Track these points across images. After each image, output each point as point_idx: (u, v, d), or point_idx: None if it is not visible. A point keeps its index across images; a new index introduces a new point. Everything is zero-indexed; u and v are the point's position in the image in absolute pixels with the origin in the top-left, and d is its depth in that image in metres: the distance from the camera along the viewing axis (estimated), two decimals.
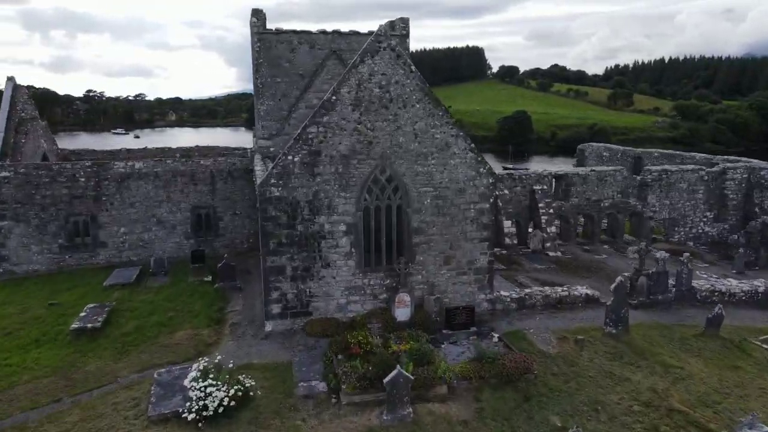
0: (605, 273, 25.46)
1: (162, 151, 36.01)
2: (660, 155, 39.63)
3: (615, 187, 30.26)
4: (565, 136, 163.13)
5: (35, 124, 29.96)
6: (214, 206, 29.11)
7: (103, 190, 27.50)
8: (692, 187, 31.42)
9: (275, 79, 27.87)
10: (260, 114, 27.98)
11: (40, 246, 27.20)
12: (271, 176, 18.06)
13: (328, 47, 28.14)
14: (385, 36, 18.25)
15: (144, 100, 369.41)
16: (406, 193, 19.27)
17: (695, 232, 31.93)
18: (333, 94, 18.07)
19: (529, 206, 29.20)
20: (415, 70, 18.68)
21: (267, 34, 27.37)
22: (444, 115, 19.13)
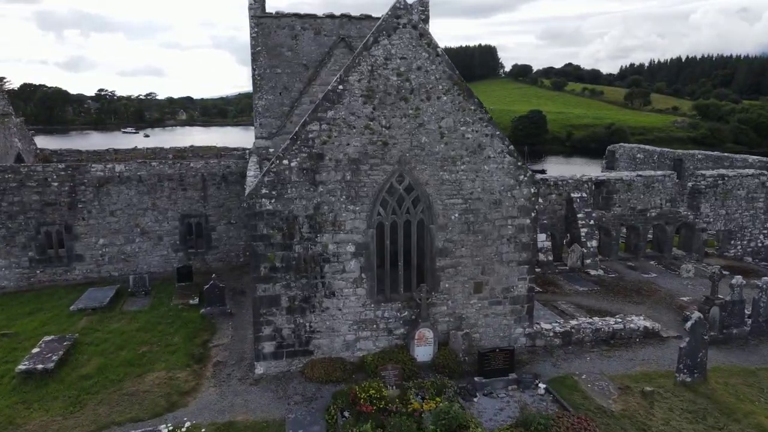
0: (659, 297, 21.67)
1: (153, 151, 32.65)
2: (704, 157, 35.69)
3: (664, 195, 26.43)
4: (581, 136, 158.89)
5: (7, 121, 26.69)
6: (206, 214, 25.66)
7: (79, 197, 24.13)
8: (751, 194, 27.51)
9: (275, 70, 24.39)
10: (258, 110, 24.51)
11: (8, 260, 23.89)
12: (263, 185, 14.51)
13: (335, 33, 24.61)
14: (406, 10, 14.62)
15: (155, 99, 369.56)
16: (429, 206, 15.64)
17: (754, 245, 28.01)
18: (340, 83, 14.47)
19: (566, 216, 25.45)
20: (442, 53, 15.06)
21: (266, 18, 23.89)
22: (477, 109, 15.52)
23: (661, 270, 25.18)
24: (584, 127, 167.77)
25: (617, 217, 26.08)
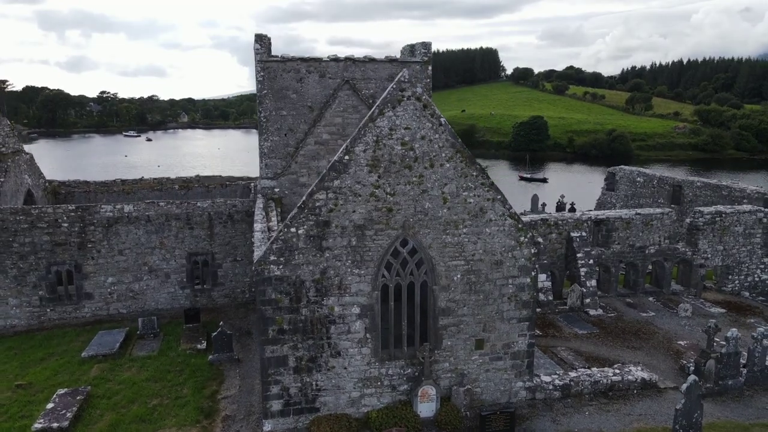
0: (657, 340, 22.09)
1: (159, 182, 33.10)
2: (703, 185, 36.04)
3: (662, 232, 26.85)
4: (582, 143, 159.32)
5: (18, 159, 27.17)
6: (213, 252, 26.14)
7: (88, 237, 24.64)
8: (749, 230, 27.91)
9: (280, 113, 24.80)
10: (264, 151, 24.89)
11: (19, 299, 24.42)
12: (271, 252, 14.97)
13: (340, 76, 25.01)
14: (410, 83, 15.09)
15: (156, 101, 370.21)
16: (433, 268, 16.10)
17: (751, 280, 28.42)
18: (346, 154, 14.93)
19: (566, 254, 25.89)
20: (445, 123, 15.50)
21: (272, 63, 24.31)
22: (479, 175, 15.94)
23: (659, 307, 25.60)
24: (585, 132, 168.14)
25: (616, 254, 26.52)
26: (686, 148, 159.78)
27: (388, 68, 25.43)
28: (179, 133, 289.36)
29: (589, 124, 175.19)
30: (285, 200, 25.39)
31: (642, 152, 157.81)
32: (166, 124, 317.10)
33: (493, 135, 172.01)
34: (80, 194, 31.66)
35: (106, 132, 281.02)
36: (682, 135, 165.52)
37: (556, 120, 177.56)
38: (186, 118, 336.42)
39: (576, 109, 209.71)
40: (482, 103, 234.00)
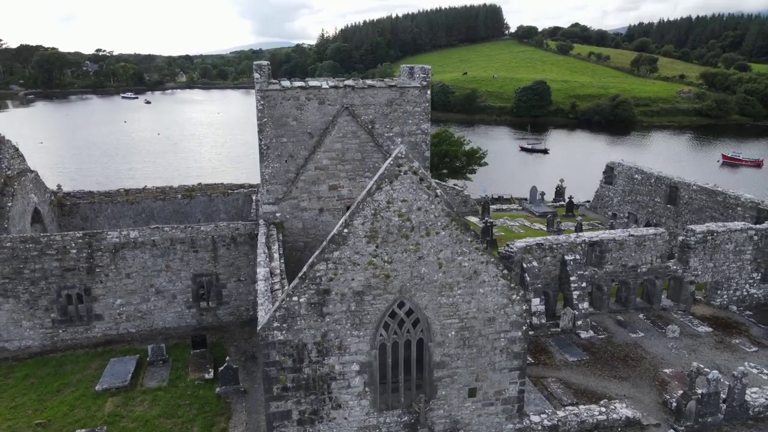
0: (644, 367, 23.12)
1: (162, 191, 33.59)
2: (699, 189, 36.44)
3: (654, 252, 27.49)
4: (585, 108, 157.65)
5: (23, 180, 27.61)
6: (217, 273, 26.95)
7: (96, 261, 25.40)
8: (739, 248, 28.55)
9: (281, 140, 25.12)
10: (265, 177, 25.35)
11: (32, 321, 25.40)
12: (274, 319, 15.74)
13: (339, 102, 25.18)
14: (406, 158, 15.50)
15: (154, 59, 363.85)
16: (428, 327, 16.92)
17: (739, 294, 29.25)
18: (345, 227, 15.49)
19: (560, 276, 26.66)
20: (441, 194, 15.98)
21: (272, 91, 24.47)
22: (473, 240, 16.52)
23: (648, 327, 26.55)
24: (589, 97, 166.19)
25: (609, 273, 27.28)
26: (690, 113, 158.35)
27: (387, 93, 25.57)
28: (177, 94, 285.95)
29: (593, 88, 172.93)
30: (286, 224, 26.06)
31: (645, 118, 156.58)
32: (163, 84, 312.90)
33: (495, 100, 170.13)
34: (85, 205, 32.25)
35: (103, 93, 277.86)
36: (687, 100, 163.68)
37: (560, 83, 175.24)
38: (184, 77, 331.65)
39: (580, 71, 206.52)
40: (485, 64, 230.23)
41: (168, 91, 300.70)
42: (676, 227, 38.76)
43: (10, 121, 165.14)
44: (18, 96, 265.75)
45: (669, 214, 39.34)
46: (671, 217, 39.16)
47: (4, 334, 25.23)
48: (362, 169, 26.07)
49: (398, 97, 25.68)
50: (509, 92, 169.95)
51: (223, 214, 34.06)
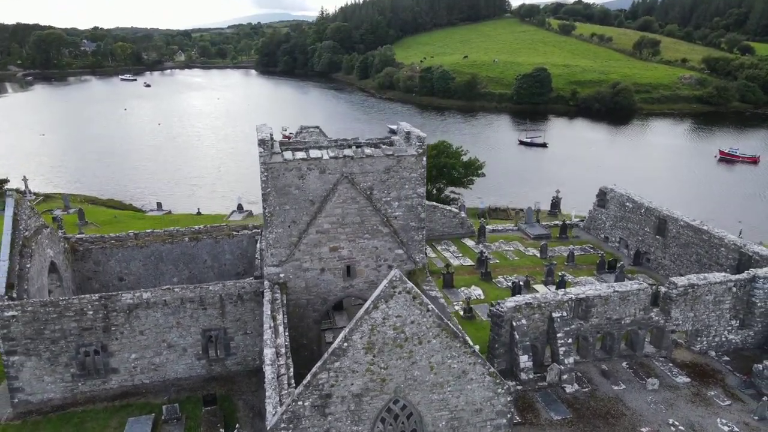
0: (623, 426, 24.91)
1: (170, 234, 35.00)
2: (686, 225, 37.85)
3: (637, 306, 29.08)
4: (585, 95, 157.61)
5: (40, 237, 29.08)
6: (225, 327, 28.62)
7: (111, 321, 27.06)
8: (719, 298, 30.13)
9: (284, 207, 26.47)
10: (269, 242, 26.80)
11: (53, 376, 27.18)
12: (281, 421, 17.44)
13: (339, 171, 26.45)
14: (400, 280, 16.97)
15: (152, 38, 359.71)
16: (421, 420, 18.64)
17: (718, 340, 30.94)
18: (344, 341, 17.07)
19: (547, 331, 28.31)
20: (432, 309, 17.50)
21: (274, 164, 25.72)
22: (461, 345, 18.12)
23: (630, 377, 28.31)
24: (589, 83, 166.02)
25: (594, 326, 28.93)
26: (691, 100, 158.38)
27: (385, 161, 26.81)
28: (176, 75, 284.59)
29: (594, 74, 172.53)
30: (290, 283, 27.63)
31: (645, 105, 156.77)
32: (162, 63, 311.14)
33: (495, 86, 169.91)
34: (97, 250, 33.74)
35: (102, 73, 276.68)
36: (688, 86, 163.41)
37: (561, 68, 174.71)
38: (183, 56, 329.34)
39: (582, 54, 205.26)
40: (486, 45, 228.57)
41: (167, 71, 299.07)
42: (664, 258, 40.35)
43: (11, 108, 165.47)
44: (16, 77, 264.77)
45: (657, 245, 40.84)
46: (659, 247, 40.67)
47: (27, 389, 27.05)
48: (361, 231, 27.48)
49: (395, 165, 26.94)
50: (510, 78, 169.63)
51: (228, 255, 35.60)
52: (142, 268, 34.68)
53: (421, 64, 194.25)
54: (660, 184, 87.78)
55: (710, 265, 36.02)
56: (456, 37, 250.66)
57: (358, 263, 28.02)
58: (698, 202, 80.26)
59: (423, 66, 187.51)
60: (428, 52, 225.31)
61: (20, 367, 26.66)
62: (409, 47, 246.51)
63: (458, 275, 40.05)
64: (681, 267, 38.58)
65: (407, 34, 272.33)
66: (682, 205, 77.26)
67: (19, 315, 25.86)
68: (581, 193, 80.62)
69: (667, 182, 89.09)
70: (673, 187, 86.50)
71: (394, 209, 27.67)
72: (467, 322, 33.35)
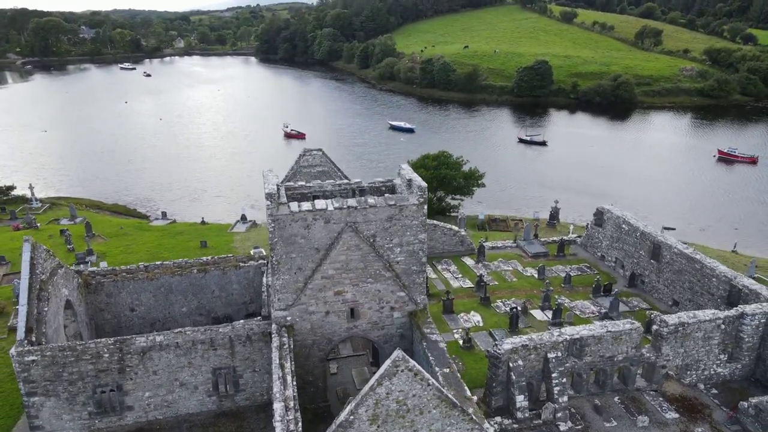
0: None
1: (179, 265, 36.14)
2: (679, 253, 38.92)
3: (630, 344, 30.29)
4: (586, 89, 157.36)
5: (55, 279, 30.21)
6: (234, 366, 29.90)
7: (126, 362, 28.31)
8: (708, 335, 31.34)
9: (290, 255, 27.57)
10: (276, 287, 27.98)
11: (71, 414, 28.53)
12: None
13: (343, 221, 27.50)
14: (403, 359, 18.13)
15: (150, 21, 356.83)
16: None
17: (707, 374, 32.23)
18: (351, 414, 18.31)
19: (543, 369, 29.57)
20: (432, 383, 18.69)
21: (282, 216, 26.73)
22: (460, 414, 19.34)
23: (621, 413, 29.64)
24: (590, 75, 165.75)
25: (588, 363, 30.20)
26: (692, 93, 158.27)
27: (387, 211, 27.83)
28: (176, 63, 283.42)
29: (595, 65, 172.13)
30: (296, 326, 28.88)
31: (646, 98, 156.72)
32: (161, 50, 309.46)
33: (496, 78, 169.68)
34: (109, 283, 34.90)
35: (101, 61, 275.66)
36: (689, 79, 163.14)
37: (561, 59, 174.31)
38: (182, 43, 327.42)
39: (583, 44, 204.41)
40: (487, 33, 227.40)
41: (166, 59, 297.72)
42: (658, 282, 41.51)
43: (12, 101, 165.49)
44: (15, 65, 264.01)
45: (652, 269, 41.98)
46: (654, 271, 41.81)
47: (47, 427, 28.43)
48: (365, 276, 28.63)
49: (397, 213, 27.97)
50: (511, 70, 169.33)
51: (235, 285, 36.78)
52: (153, 299, 35.89)
53: (422, 54, 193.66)
54: (659, 185, 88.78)
55: (702, 293, 37.21)
56: (457, 25, 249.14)
57: (361, 305, 29.23)
58: (697, 204, 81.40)
59: (424, 56, 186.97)
60: (429, 40, 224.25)
61: (40, 407, 28.00)
62: (410, 35, 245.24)
63: (458, 298, 41.26)
64: (674, 292, 39.79)
65: (408, 21, 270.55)
66: (680, 209, 78.86)
67: (39, 359, 27.12)
68: (580, 197, 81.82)
69: (666, 183, 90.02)
70: (671, 189, 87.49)
71: (396, 255, 28.78)
72: (466, 353, 34.65)
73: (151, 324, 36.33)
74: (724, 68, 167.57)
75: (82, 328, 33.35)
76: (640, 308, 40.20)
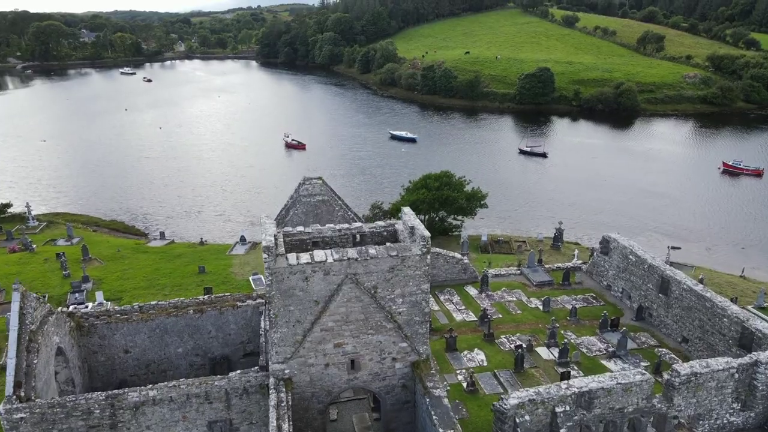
0: None
1: (174, 305, 35.16)
2: (689, 289, 37.83)
3: (640, 395, 29.26)
4: (588, 96, 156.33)
5: (46, 328, 29.19)
6: (231, 419, 28.89)
7: (118, 418, 27.34)
8: (721, 384, 30.30)
9: (288, 308, 26.59)
10: (274, 341, 27.01)
11: None
12: None
13: (343, 273, 26.50)
14: None
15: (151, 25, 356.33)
16: None
17: (720, 423, 31.18)
18: None
19: (551, 423, 28.54)
20: None
21: (279, 268, 25.73)
22: None
23: None
24: (593, 82, 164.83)
25: (597, 416, 29.15)
26: (695, 101, 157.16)
27: (389, 261, 26.83)
28: (177, 66, 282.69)
29: (597, 72, 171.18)
30: (295, 378, 27.92)
31: (649, 106, 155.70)
32: (162, 54, 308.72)
33: (498, 85, 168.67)
34: (102, 325, 33.93)
35: (101, 65, 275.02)
36: (692, 86, 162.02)
37: (563, 66, 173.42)
38: (182, 46, 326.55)
39: (585, 49, 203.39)
40: (488, 38, 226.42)
41: (167, 63, 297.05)
42: (667, 317, 40.45)
43: (11, 108, 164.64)
44: (15, 70, 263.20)
45: (660, 303, 40.91)
46: (662, 306, 40.74)
47: None
48: (365, 327, 27.63)
49: (399, 264, 26.96)
50: (512, 76, 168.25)
51: (233, 325, 35.78)
52: (148, 341, 34.90)
53: (423, 59, 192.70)
54: (663, 199, 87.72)
55: (713, 332, 36.13)
56: (458, 29, 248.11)
57: (362, 357, 28.24)
58: (702, 220, 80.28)
59: (425, 62, 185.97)
60: (430, 45, 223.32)
61: None
62: (411, 39, 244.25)
63: (461, 334, 40.19)
64: (683, 329, 38.72)
65: (409, 25, 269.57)
66: (686, 225, 77.76)
67: (28, 417, 26.14)
68: (582, 213, 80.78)
69: (670, 197, 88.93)
70: (676, 204, 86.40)
71: (398, 305, 27.77)
72: (470, 397, 33.59)
73: (146, 365, 35.38)
74: (727, 75, 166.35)
75: (75, 373, 32.36)
76: (648, 345, 39.11)
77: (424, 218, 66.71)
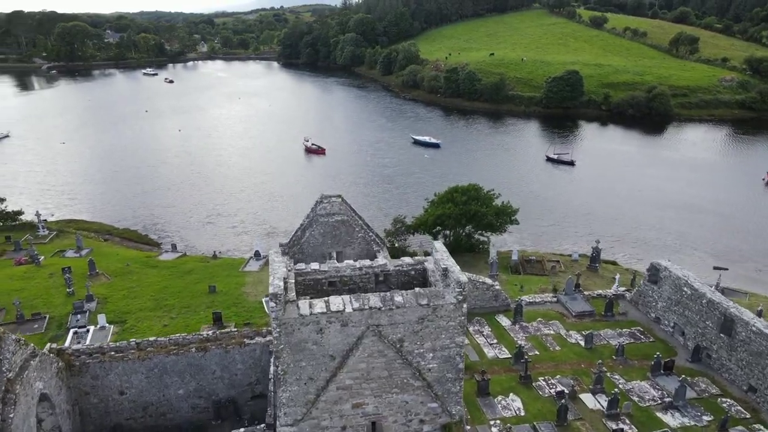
0: None
1: (176, 342, 31.57)
2: (758, 332, 33.07)
3: None
4: (618, 100, 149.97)
5: (26, 374, 25.71)
6: None
7: None
8: None
9: (299, 364, 22.72)
10: (282, 401, 23.15)
11: None
12: None
13: (364, 324, 22.55)
14: None
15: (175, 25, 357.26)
16: None
17: None
18: None
19: None
20: None
21: (289, 319, 21.86)
22: None
23: None
24: (623, 85, 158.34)
25: None
26: (732, 105, 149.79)
27: (418, 311, 22.81)
28: (199, 67, 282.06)
29: (628, 75, 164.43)
30: None
31: (683, 111, 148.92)
32: (185, 54, 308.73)
33: (523, 88, 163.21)
34: (95, 364, 30.50)
35: (125, 66, 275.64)
36: (729, 90, 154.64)
37: (592, 68, 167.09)
38: (205, 47, 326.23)
39: (614, 50, 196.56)
40: (513, 39, 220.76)
41: (189, 63, 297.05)
42: (729, 360, 35.68)
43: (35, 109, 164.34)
44: (41, 70, 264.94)
45: (722, 344, 36.12)
46: (725, 348, 35.95)
47: None
48: (389, 385, 23.64)
49: (430, 314, 22.91)
50: (539, 79, 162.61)
51: (240, 365, 32.10)
52: (145, 381, 31.38)
53: (446, 61, 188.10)
54: (702, 213, 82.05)
55: None
56: (482, 30, 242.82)
57: (385, 419, 24.22)
58: (747, 237, 74.54)
59: (448, 63, 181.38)
60: (453, 46, 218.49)
61: None
62: (434, 40, 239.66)
63: (494, 374, 35.88)
64: (750, 376, 33.93)
65: (432, 26, 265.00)
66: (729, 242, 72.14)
67: None
68: (616, 228, 75.74)
69: (710, 211, 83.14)
70: (717, 218, 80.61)
71: (428, 361, 23.70)
72: None
73: (144, 408, 31.85)
74: (766, 78, 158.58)
75: (62, 420, 28.92)
76: (710, 394, 34.34)
77: (449, 233, 62.50)
